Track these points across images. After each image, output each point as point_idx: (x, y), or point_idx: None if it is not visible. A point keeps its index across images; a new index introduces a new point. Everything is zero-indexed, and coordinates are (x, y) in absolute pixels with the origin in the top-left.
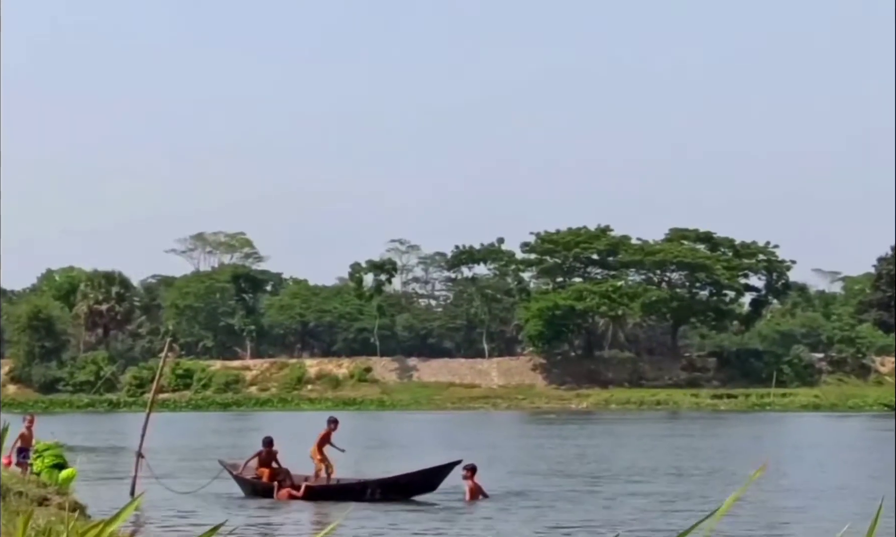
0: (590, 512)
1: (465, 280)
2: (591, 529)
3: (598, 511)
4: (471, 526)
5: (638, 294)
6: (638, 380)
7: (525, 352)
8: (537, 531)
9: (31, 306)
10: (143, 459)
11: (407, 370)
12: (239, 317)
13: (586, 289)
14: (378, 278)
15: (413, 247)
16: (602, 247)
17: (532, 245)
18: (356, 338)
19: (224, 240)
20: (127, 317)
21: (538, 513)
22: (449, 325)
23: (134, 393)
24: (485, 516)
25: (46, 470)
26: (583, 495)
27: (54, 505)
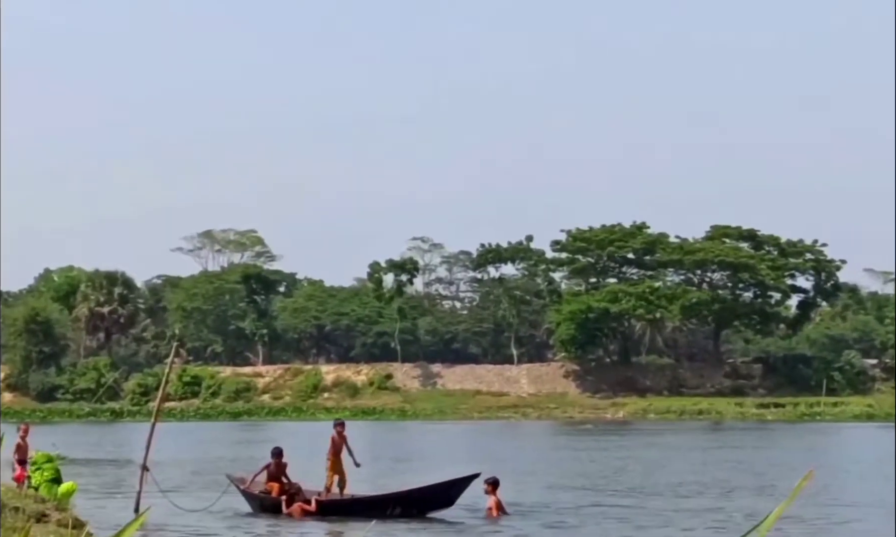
0: (635, 530)
1: (491, 281)
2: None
3: (644, 529)
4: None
5: (677, 296)
6: (678, 387)
7: (557, 357)
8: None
9: (28, 308)
10: (148, 473)
11: (430, 377)
12: (250, 321)
13: (621, 291)
14: (399, 279)
15: (436, 245)
16: (638, 246)
17: (563, 243)
18: (376, 342)
19: (234, 237)
20: (130, 320)
21: (576, 533)
22: (475, 329)
23: (138, 401)
24: (518, 535)
25: (45, 484)
26: (627, 511)
27: (53, 522)
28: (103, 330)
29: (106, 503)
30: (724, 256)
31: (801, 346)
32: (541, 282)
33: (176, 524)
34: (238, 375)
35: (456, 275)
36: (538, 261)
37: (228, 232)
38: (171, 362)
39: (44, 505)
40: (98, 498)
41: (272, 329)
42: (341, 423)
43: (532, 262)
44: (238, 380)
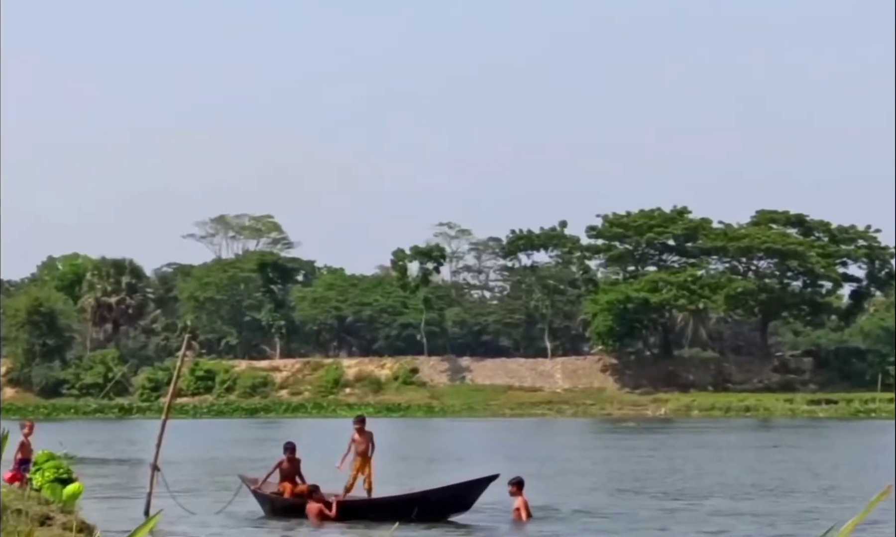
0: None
1: (523, 269)
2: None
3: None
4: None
5: (721, 285)
6: (723, 382)
7: (593, 351)
8: None
9: (31, 298)
10: (158, 473)
11: (458, 371)
12: (266, 311)
13: (662, 280)
14: (424, 267)
15: (464, 231)
16: (679, 232)
17: (599, 229)
18: (400, 334)
19: (249, 223)
20: (139, 310)
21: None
22: (506, 320)
23: (148, 397)
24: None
25: (48, 484)
26: (680, 516)
27: (58, 525)
28: (111, 321)
29: (114, 505)
30: (771, 243)
31: (855, 339)
32: (576, 271)
33: (186, 528)
34: (254, 369)
35: (485, 263)
36: (573, 248)
37: (243, 217)
38: (183, 355)
39: (48, 508)
40: (106, 499)
41: (290, 320)
42: (361, 420)
43: (566, 249)
44: (254, 374)
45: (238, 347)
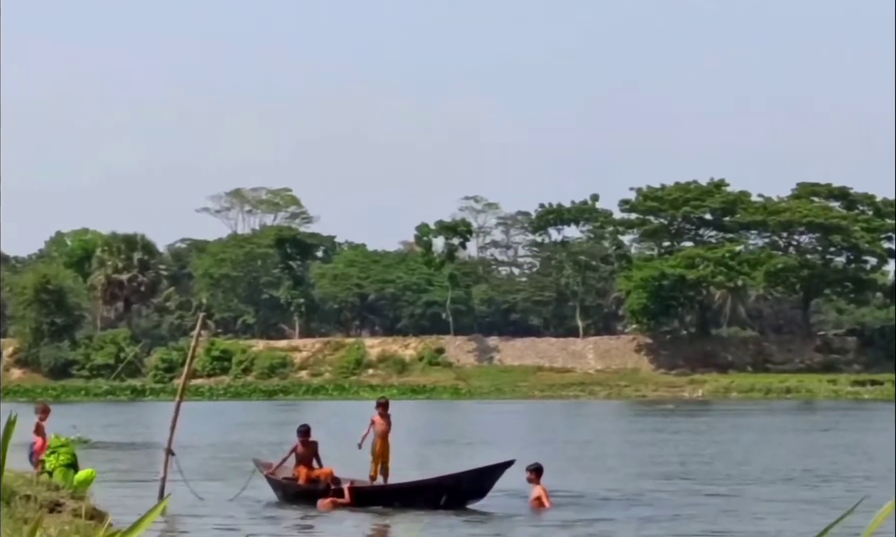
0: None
1: (553, 244)
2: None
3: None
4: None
5: (761, 261)
6: (762, 363)
7: (627, 330)
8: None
9: (39, 276)
10: (173, 457)
11: (486, 351)
12: (285, 289)
13: (699, 256)
14: (450, 242)
15: (491, 205)
16: (717, 205)
17: (633, 203)
18: (425, 313)
19: (266, 196)
20: (152, 288)
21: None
22: (535, 298)
23: (161, 378)
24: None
25: (60, 469)
26: (731, 501)
27: (68, 512)
28: (122, 299)
29: (127, 491)
30: (812, 217)
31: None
32: (608, 246)
33: (199, 514)
34: (272, 349)
35: (513, 239)
36: (605, 222)
37: (260, 190)
38: (198, 335)
39: (58, 493)
40: (118, 485)
41: (309, 298)
42: (384, 403)
43: (598, 224)
44: (272, 354)
45: (255, 326)
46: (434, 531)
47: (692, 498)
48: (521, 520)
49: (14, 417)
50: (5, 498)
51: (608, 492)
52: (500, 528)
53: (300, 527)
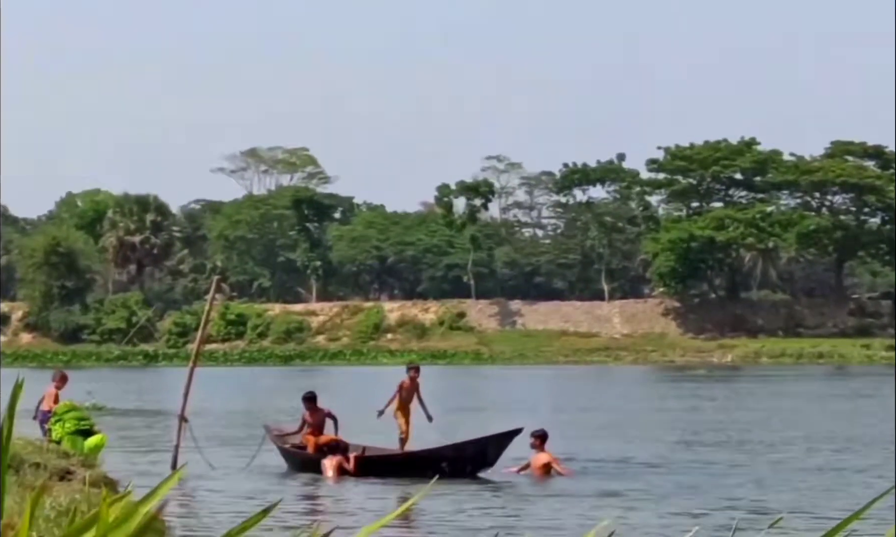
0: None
1: (578, 205)
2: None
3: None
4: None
5: (792, 222)
6: (794, 327)
7: (654, 293)
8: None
9: (49, 238)
10: (186, 424)
11: (509, 315)
12: (302, 251)
13: (728, 216)
14: (472, 203)
15: (514, 164)
16: (747, 165)
17: (660, 162)
18: (446, 276)
19: (283, 156)
20: (165, 250)
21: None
22: (559, 261)
23: (175, 343)
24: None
25: (68, 437)
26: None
27: (79, 480)
28: (134, 262)
29: (140, 458)
30: (846, 176)
31: None
32: (635, 207)
33: (213, 483)
34: (288, 313)
35: (537, 199)
36: (632, 182)
37: (276, 150)
38: (212, 298)
39: (68, 461)
40: (130, 452)
41: (327, 261)
42: (416, 368)
43: (625, 184)
44: (288, 318)
45: (271, 290)
46: (443, 500)
47: (731, 467)
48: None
49: (21, 381)
50: (14, 465)
51: (649, 459)
52: (518, 498)
53: (306, 497)
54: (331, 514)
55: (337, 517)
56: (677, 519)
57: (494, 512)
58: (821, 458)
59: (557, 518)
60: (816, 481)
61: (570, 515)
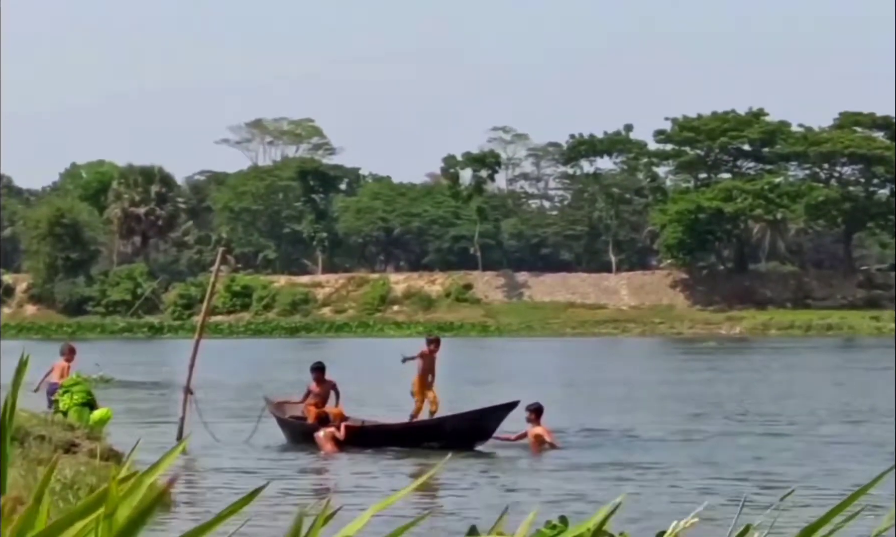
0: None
1: (585, 176)
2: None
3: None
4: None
5: (801, 193)
6: (803, 299)
7: (662, 265)
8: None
9: (53, 209)
10: (191, 396)
11: (515, 287)
12: (307, 223)
13: (736, 188)
14: (478, 174)
15: (520, 135)
16: (755, 136)
17: (668, 133)
18: (452, 248)
19: (288, 127)
20: (170, 222)
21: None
22: (566, 232)
23: (180, 315)
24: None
25: (75, 409)
26: (793, 440)
27: (84, 453)
28: (139, 233)
29: (145, 431)
30: (855, 147)
31: None
32: (642, 178)
33: (217, 455)
34: (294, 285)
35: (544, 171)
36: (639, 153)
37: (281, 121)
38: (217, 270)
39: (73, 433)
40: (136, 425)
41: (333, 232)
42: (436, 340)
43: (632, 155)
44: (294, 290)
45: (277, 261)
46: (451, 474)
47: (749, 439)
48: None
49: (26, 358)
50: (19, 438)
51: (658, 432)
52: (526, 473)
53: (311, 472)
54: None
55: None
56: (686, 493)
57: (502, 486)
58: (835, 431)
59: (566, 491)
60: (830, 454)
61: (580, 489)
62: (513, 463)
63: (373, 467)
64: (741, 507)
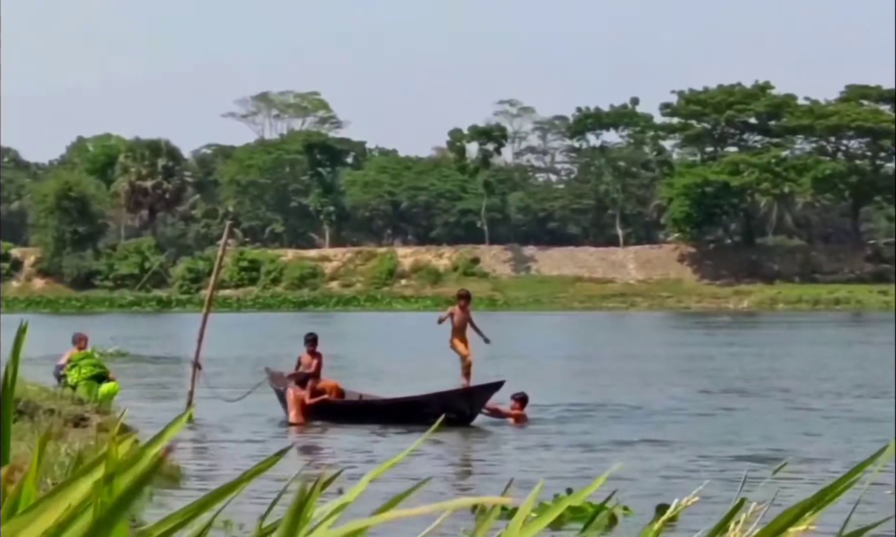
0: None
1: (591, 150)
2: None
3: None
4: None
5: (808, 166)
6: (810, 273)
7: (669, 239)
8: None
9: (60, 182)
10: (200, 370)
11: (523, 261)
12: (314, 196)
13: (743, 161)
14: (484, 148)
15: (526, 109)
16: (762, 109)
17: (674, 106)
18: (459, 221)
19: (294, 101)
20: (177, 195)
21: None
22: (573, 206)
23: (188, 289)
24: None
25: (84, 383)
26: (822, 414)
27: (93, 426)
28: (146, 207)
29: (154, 405)
30: (862, 121)
31: None
32: (649, 152)
33: (224, 431)
34: (302, 259)
35: (550, 144)
36: (646, 126)
37: (287, 94)
38: (225, 244)
39: (82, 408)
40: (144, 399)
41: (340, 206)
42: (466, 295)
43: (638, 129)
44: (302, 264)
45: (284, 235)
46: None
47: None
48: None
49: (25, 325)
50: (29, 412)
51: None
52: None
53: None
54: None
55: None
56: (691, 465)
57: (506, 461)
58: (845, 405)
59: (571, 464)
60: (841, 429)
61: (583, 462)
62: (516, 438)
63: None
64: (742, 484)
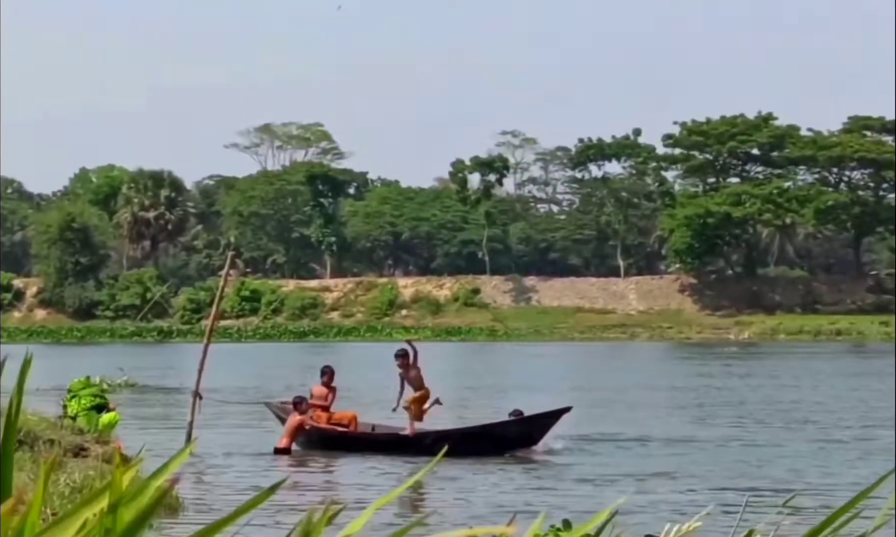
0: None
1: (593, 181)
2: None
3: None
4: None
5: (810, 197)
6: (812, 304)
7: (670, 269)
8: None
9: (63, 213)
10: (200, 400)
11: (524, 292)
12: (316, 227)
13: (745, 192)
14: (486, 179)
15: (528, 140)
16: (764, 140)
17: (676, 137)
18: (460, 252)
19: (297, 132)
20: (179, 226)
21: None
22: (575, 237)
23: (189, 319)
24: None
25: (84, 413)
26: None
27: (93, 457)
28: (148, 238)
29: (154, 435)
30: (864, 152)
31: None
32: (651, 183)
33: (225, 459)
34: (303, 289)
35: (552, 175)
36: (648, 157)
37: (290, 125)
38: (226, 274)
39: (82, 438)
40: (144, 430)
41: (341, 237)
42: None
43: (640, 160)
44: (303, 294)
45: (285, 266)
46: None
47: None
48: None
49: (30, 357)
50: (29, 442)
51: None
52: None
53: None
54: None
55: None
56: (692, 497)
57: (506, 492)
58: (846, 436)
59: (572, 497)
60: (840, 459)
61: (585, 494)
62: (520, 469)
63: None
64: (742, 512)
